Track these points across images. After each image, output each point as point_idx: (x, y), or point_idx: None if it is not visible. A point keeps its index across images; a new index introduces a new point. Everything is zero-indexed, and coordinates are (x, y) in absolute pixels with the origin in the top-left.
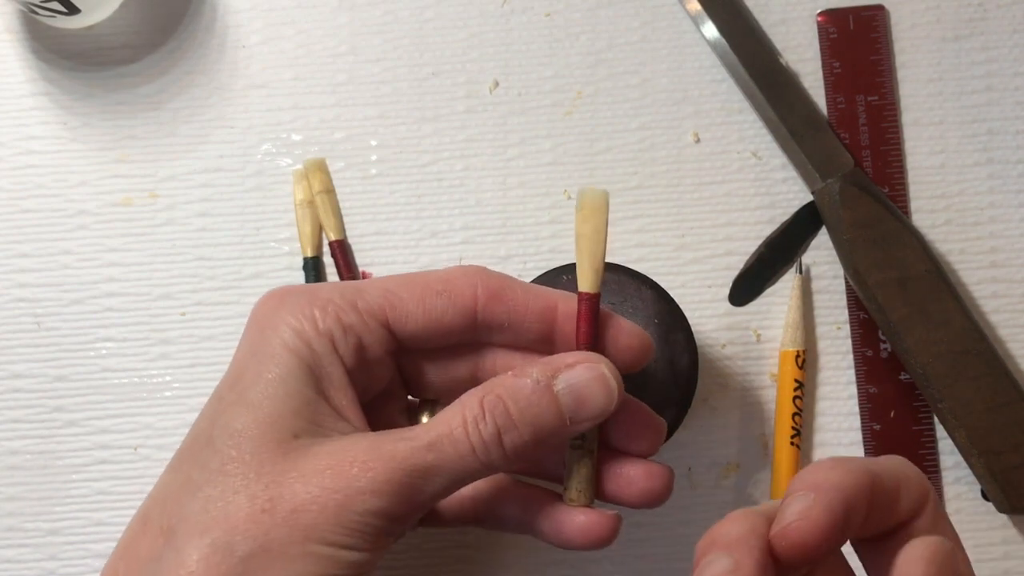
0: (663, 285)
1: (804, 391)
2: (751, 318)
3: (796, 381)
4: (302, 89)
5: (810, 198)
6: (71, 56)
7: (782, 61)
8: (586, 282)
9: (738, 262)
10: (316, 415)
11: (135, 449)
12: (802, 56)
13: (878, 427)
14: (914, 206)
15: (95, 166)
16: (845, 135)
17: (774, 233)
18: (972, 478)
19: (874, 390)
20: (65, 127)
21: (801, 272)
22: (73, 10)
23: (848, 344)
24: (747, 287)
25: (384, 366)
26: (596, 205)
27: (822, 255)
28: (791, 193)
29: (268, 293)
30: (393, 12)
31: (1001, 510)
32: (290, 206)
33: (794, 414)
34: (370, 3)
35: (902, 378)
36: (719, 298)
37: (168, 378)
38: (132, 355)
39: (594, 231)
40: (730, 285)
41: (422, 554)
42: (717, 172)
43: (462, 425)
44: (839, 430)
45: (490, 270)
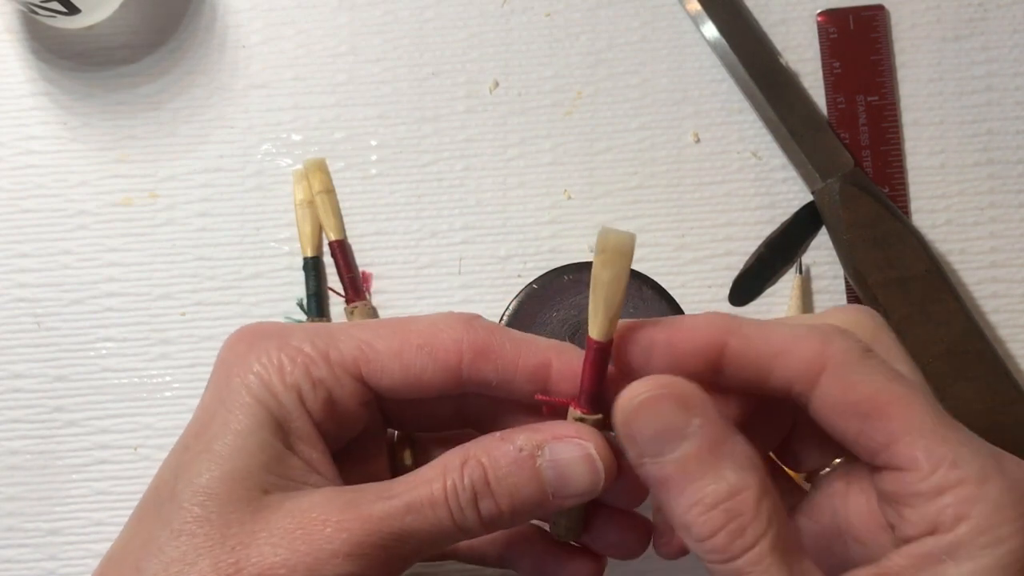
0: (663, 285)
1: None
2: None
3: None
4: (302, 89)
5: (810, 198)
6: (71, 56)
7: (782, 61)
8: (598, 330)
9: (738, 262)
10: (286, 469)
11: (135, 449)
12: (802, 56)
13: None
14: (914, 206)
15: (95, 166)
16: (845, 135)
17: (774, 233)
18: None
19: None
20: (65, 127)
21: (801, 272)
22: (73, 10)
23: None
24: (747, 287)
25: (357, 417)
26: (621, 250)
27: (822, 255)
28: (791, 193)
29: (239, 332)
30: (393, 12)
31: None
32: (290, 206)
33: None
34: (370, 3)
35: None
36: (719, 298)
37: (168, 378)
38: (132, 355)
39: (614, 278)
40: (730, 285)
41: None
42: (717, 172)
43: (443, 488)
44: None
45: (479, 321)
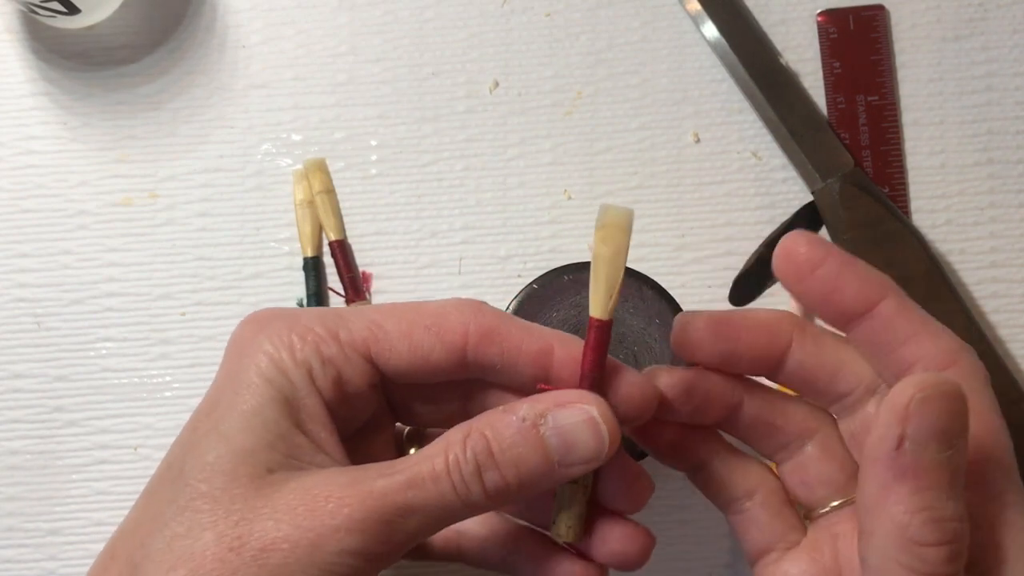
0: (663, 285)
1: None
2: None
3: None
4: (302, 89)
5: (810, 198)
6: (71, 56)
7: (782, 61)
8: (599, 308)
9: (738, 262)
10: (292, 448)
11: (135, 449)
12: (802, 56)
13: None
14: (914, 206)
15: (95, 166)
16: (845, 135)
17: (774, 233)
18: None
19: None
20: (65, 127)
21: None
22: (73, 10)
23: None
24: (747, 287)
25: (367, 399)
26: (619, 224)
27: None
28: (791, 193)
29: (250, 316)
30: (393, 12)
31: None
32: (290, 206)
33: None
34: (370, 3)
35: None
36: (719, 298)
37: (168, 378)
38: (132, 355)
39: (614, 253)
40: (730, 285)
41: None
42: (717, 172)
43: (444, 462)
44: None
45: (487, 307)
